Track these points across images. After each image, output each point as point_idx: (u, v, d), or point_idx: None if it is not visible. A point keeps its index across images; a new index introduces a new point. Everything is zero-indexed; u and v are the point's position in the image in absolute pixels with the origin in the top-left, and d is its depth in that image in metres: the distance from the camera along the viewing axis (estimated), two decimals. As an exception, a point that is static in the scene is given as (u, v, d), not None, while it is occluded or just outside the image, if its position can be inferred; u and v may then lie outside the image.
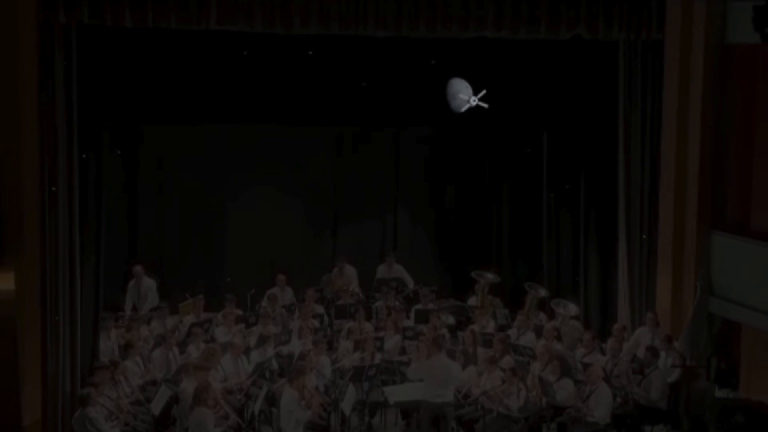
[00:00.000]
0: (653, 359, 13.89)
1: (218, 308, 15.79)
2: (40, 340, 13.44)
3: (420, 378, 13.30)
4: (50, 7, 13.25)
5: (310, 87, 15.52)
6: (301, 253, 17.98)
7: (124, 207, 17.25)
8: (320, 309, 16.07)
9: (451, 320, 15.88)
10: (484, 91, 15.17)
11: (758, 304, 13.80)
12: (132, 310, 16.11)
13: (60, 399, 13.57)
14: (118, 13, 13.48)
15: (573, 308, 15.80)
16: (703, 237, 14.92)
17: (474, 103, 15.09)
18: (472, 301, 16.63)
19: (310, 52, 15.01)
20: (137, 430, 12.90)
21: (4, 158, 12.97)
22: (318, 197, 18.23)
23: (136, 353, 13.99)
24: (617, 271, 15.83)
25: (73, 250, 13.71)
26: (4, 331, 12.63)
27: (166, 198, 17.64)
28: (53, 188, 13.40)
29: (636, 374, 14.06)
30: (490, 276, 16.45)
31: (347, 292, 16.64)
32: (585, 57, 15.68)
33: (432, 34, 14.55)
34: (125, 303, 16.20)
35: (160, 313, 15.46)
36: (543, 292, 16.21)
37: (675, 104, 15.18)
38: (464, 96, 15.29)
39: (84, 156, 13.84)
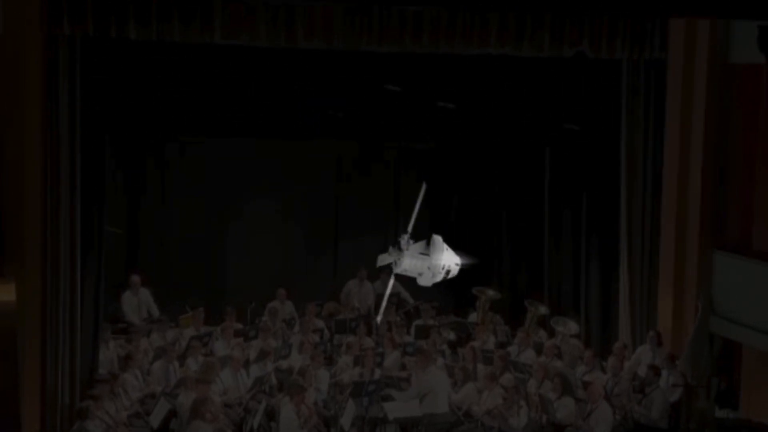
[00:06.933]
0: (654, 378, 13.86)
1: (218, 321, 15.76)
2: (40, 351, 13.43)
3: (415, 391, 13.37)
4: (55, 19, 13.25)
5: (313, 101, 15.52)
6: (302, 267, 17.95)
7: (125, 219, 17.23)
8: (320, 323, 16.05)
9: (452, 336, 15.85)
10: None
11: (759, 324, 13.78)
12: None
13: (59, 411, 13.55)
14: (122, 26, 13.49)
15: (573, 326, 15.75)
16: (705, 256, 14.92)
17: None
18: (472, 317, 16.59)
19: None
20: (135, 443, 12.90)
21: (7, 169, 12.97)
22: (319, 211, 18.22)
23: (136, 366, 13.96)
24: (618, 289, 15.81)
25: (74, 261, 13.70)
26: (5, 342, 12.59)
27: (167, 211, 17.61)
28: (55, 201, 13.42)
29: (636, 393, 14.03)
30: (491, 292, 16.42)
31: (347, 306, 16.62)
32: (588, 75, 15.70)
33: (435, 50, 14.57)
34: (123, 314, 16.11)
35: (161, 326, 15.41)
36: (543, 310, 16.17)
37: (678, 123, 15.20)
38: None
39: (87, 167, 13.85)
